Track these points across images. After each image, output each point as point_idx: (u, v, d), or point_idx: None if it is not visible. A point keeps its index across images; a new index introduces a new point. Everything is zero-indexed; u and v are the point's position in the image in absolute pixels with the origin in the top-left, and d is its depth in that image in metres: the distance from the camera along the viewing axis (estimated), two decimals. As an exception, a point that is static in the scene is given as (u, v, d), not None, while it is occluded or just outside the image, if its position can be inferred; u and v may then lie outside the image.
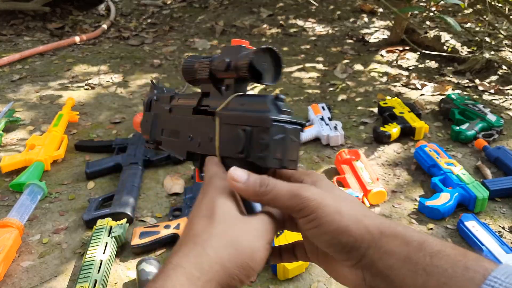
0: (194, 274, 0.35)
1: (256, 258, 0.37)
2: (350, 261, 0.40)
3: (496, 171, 1.41)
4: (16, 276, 1.07)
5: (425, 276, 0.35)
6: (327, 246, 0.40)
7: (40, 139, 1.52)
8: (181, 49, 2.62)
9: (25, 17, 3.08)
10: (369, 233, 0.38)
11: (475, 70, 2.11)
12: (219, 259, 0.36)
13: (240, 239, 0.38)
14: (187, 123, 0.54)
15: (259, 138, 0.41)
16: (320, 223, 0.38)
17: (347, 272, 0.41)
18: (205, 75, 0.51)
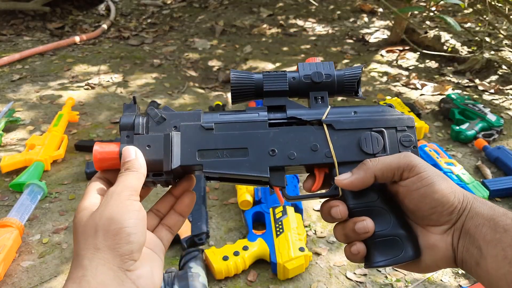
0: (78, 276, 0.38)
1: (121, 218, 0.40)
2: (447, 224, 0.44)
3: (496, 171, 1.41)
4: (16, 276, 1.07)
5: (503, 232, 0.40)
6: (434, 205, 0.44)
7: (40, 139, 1.52)
8: (181, 49, 2.62)
9: (25, 17, 3.08)
10: (467, 197, 0.44)
11: (475, 70, 2.11)
12: (91, 250, 0.39)
13: (96, 220, 0.41)
14: (261, 138, 0.50)
15: (403, 136, 0.50)
16: (432, 182, 0.43)
17: (438, 240, 0.45)
18: (282, 87, 0.53)
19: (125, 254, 0.39)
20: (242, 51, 2.54)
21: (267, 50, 2.56)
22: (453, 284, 1.02)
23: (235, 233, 1.19)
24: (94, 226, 0.40)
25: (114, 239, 0.39)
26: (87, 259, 0.38)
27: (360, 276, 1.04)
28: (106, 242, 0.39)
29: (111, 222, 0.39)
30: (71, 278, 0.38)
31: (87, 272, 0.37)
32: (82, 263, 0.38)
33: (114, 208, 0.40)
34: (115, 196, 0.41)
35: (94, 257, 0.38)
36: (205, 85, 2.17)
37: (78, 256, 0.39)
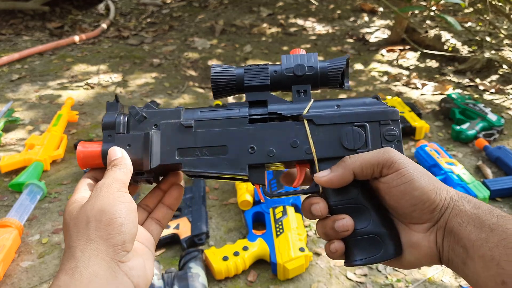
0: (70, 267, 0.38)
1: (112, 209, 0.40)
2: (430, 222, 0.43)
3: (497, 170, 1.41)
4: (15, 276, 1.07)
5: (489, 232, 0.39)
6: (414, 203, 0.42)
7: (39, 139, 1.52)
8: (181, 48, 2.61)
9: (25, 17, 3.07)
10: (449, 194, 0.43)
11: (475, 69, 2.11)
12: (83, 241, 0.39)
13: (87, 212, 0.41)
14: (241, 135, 0.49)
15: (387, 130, 0.50)
16: (412, 179, 0.42)
17: (420, 239, 0.44)
18: (264, 82, 0.52)
19: (117, 244, 0.39)
20: (242, 51, 2.54)
21: (267, 49, 2.55)
22: (453, 284, 1.02)
23: (235, 233, 1.19)
24: (86, 218, 0.40)
25: (106, 229, 0.39)
26: (79, 250, 0.38)
27: (360, 277, 1.04)
28: (98, 232, 0.39)
29: (103, 213, 0.39)
30: (63, 269, 0.38)
31: (79, 263, 0.37)
32: (74, 254, 0.38)
33: (105, 200, 0.40)
34: (105, 188, 0.42)
35: (87, 248, 0.38)
36: (205, 84, 2.17)
37: (70, 248, 0.39)
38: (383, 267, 1.06)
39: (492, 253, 0.38)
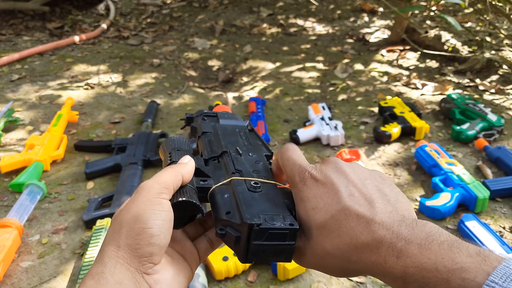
0: (97, 272, 0.37)
1: (145, 218, 0.38)
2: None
3: (497, 171, 1.41)
4: (15, 276, 1.07)
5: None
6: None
7: (39, 139, 1.52)
8: (181, 48, 2.61)
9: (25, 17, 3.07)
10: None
11: (475, 69, 2.11)
12: (113, 247, 0.38)
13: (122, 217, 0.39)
14: None
15: None
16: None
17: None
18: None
19: (144, 256, 0.37)
20: (242, 51, 2.54)
21: (267, 49, 2.55)
22: (454, 285, 1.01)
23: (235, 233, 1.19)
24: (120, 223, 0.39)
25: (136, 239, 0.37)
26: (107, 256, 0.37)
27: (360, 277, 1.04)
28: (127, 240, 0.37)
29: (136, 221, 0.38)
30: (91, 273, 0.37)
31: (106, 269, 0.36)
32: (103, 259, 0.37)
33: (141, 206, 0.38)
34: (144, 192, 0.39)
35: (114, 255, 0.37)
36: (205, 85, 2.17)
37: (102, 252, 0.38)
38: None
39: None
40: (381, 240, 0.34)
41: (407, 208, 0.38)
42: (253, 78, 2.19)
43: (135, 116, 1.83)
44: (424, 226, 0.34)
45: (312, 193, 0.39)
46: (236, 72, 2.28)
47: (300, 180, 0.40)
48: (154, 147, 1.54)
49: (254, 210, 0.38)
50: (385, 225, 0.34)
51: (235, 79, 2.20)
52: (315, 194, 0.38)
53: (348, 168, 0.40)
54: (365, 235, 0.35)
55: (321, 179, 0.39)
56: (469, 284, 0.30)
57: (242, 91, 2.06)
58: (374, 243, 0.34)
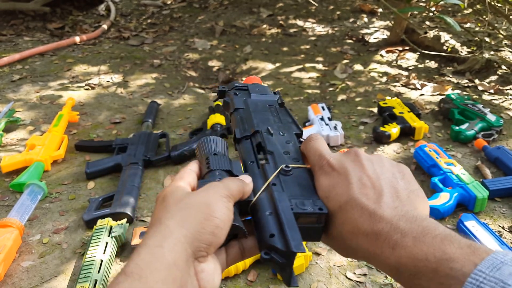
0: (155, 244, 0.35)
1: (214, 207, 0.38)
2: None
3: (496, 171, 1.41)
4: (16, 276, 1.07)
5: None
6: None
7: (40, 139, 1.52)
8: (181, 49, 2.62)
9: (25, 17, 3.08)
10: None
11: (474, 70, 2.11)
12: (177, 223, 0.37)
13: (192, 199, 0.39)
14: None
15: None
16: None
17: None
18: None
19: (203, 242, 0.37)
20: (242, 51, 2.55)
21: (267, 50, 2.56)
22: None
23: (235, 233, 1.19)
24: (187, 204, 0.38)
25: (202, 223, 0.37)
26: (170, 231, 0.36)
27: (360, 276, 1.05)
28: (193, 222, 0.37)
29: (206, 206, 0.38)
30: (147, 245, 0.35)
31: (165, 244, 0.35)
32: (164, 232, 0.36)
33: (212, 197, 0.39)
34: (214, 188, 0.40)
35: (178, 232, 0.36)
36: (205, 85, 2.17)
37: (162, 224, 0.37)
38: (383, 267, 1.07)
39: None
40: (379, 232, 0.36)
41: (416, 204, 0.39)
42: (253, 78, 2.20)
43: (135, 116, 1.84)
44: (422, 221, 0.36)
45: (327, 182, 0.41)
46: (236, 73, 2.29)
47: (319, 168, 0.43)
48: (155, 147, 1.55)
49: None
50: (385, 219, 0.36)
51: (235, 80, 2.21)
52: (329, 183, 0.41)
53: (367, 161, 0.41)
54: (366, 226, 0.37)
55: (338, 168, 0.41)
56: (456, 273, 0.31)
57: (242, 91, 2.06)
58: (372, 234, 0.36)
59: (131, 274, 0.33)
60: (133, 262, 0.35)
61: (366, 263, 1.08)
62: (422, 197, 0.41)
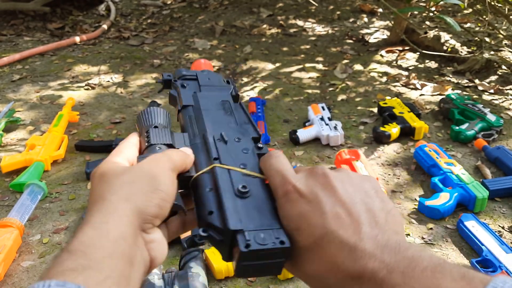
0: (100, 221, 0.34)
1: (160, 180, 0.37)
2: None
3: (496, 171, 1.41)
4: (16, 276, 1.07)
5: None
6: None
7: (40, 139, 1.52)
8: (181, 49, 2.62)
9: (25, 17, 3.08)
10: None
11: (474, 70, 2.11)
12: (121, 198, 0.36)
13: (136, 172, 0.38)
14: None
15: None
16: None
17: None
18: None
19: (149, 214, 0.36)
20: (242, 51, 2.55)
21: (267, 50, 2.56)
22: (452, 284, 1.02)
23: (235, 233, 1.19)
24: (131, 177, 0.37)
25: (148, 196, 0.36)
26: (114, 207, 0.35)
27: (360, 276, 1.04)
28: (138, 195, 0.36)
29: (152, 179, 0.37)
30: (91, 222, 0.34)
31: (110, 219, 0.34)
32: (108, 208, 0.35)
33: (157, 170, 0.38)
34: (157, 160, 0.39)
35: (122, 206, 0.35)
36: (205, 85, 2.17)
37: (104, 201, 0.36)
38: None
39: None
40: (363, 270, 0.32)
41: (395, 228, 0.35)
42: (253, 78, 2.20)
43: (135, 116, 1.83)
44: (407, 251, 0.32)
45: (295, 211, 0.35)
46: (236, 73, 2.29)
47: (283, 195, 0.37)
48: (155, 147, 1.54)
49: (237, 216, 0.35)
50: (368, 253, 0.32)
51: (235, 80, 2.21)
52: (299, 213, 0.35)
53: (338, 182, 0.36)
54: (347, 264, 0.33)
55: (307, 195, 0.36)
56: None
57: (242, 91, 2.06)
58: (355, 273, 0.32)
59: (75, 252, 0.32)
60: (76, 239, 0.33)
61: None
62: (398, 216, 0.37)
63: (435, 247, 1.12)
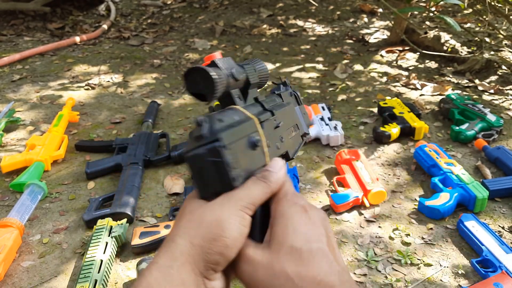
0: (166, 264, 0.36)
1: (225, 226, 0.38)
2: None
3: (496, 171, 1.41)
4: (16, 276, 1.07)
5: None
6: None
7: (40, 139, 1.52)
8: (181, 49, 2.62)
9: (26, 17, 3.08)
10: None
11: (474, 70, 2.11)
12: (188, 242, 0.37)
13: (204, 215, 0.38)
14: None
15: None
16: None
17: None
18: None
19: (211, 262, 0.37)
20: (242, 51, 2.55)
21: (267, 50, 2.56)
22: (453, 284, 1.02)
23: (235, 233, 1.19)
24: (200, 220, 0.38)
25: (211, 243, 0.37)
26: (180, 251, 0.37)
27: (360, 276, 1.05)
28: (202, 242, 0.37)
29: (216, 225, 0.37)
30: (158, 264, 0.37)
31: (175, 264, 0.36)
32: (174, 252, 0.37)
33: (225, 213, 0.38)
34: (233, 200, 0.39)
35: (187, 252, 0.37)
36: (205, 85, 2.17)
37: (173, 242, 0.38)
38: (383, 267, 1.07)
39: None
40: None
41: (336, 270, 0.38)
42: (253, 78, 2.20)
43: (135, 116, 1.84)
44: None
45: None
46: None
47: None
48: (155, 147, 1.55)
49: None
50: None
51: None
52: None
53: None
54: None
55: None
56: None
57: (242, 91, 2.06)
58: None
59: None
60: (145, 279, 0.36)
61: (366, 263, 1.08)
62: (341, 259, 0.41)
63: (435, 247, 1.12)
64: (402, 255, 1.10)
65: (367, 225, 1.20)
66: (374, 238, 1.16)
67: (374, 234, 1.17)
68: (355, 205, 1.27)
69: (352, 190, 1.28)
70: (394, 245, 1.14)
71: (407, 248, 1.12)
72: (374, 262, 1.08)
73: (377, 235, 1.17)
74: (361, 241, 1.15)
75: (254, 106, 0.49)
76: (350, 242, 1.15)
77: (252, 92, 0.50)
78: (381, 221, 1.22)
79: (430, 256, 1.10)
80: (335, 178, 1.36)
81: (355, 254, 1.11)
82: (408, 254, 1.10)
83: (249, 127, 0.43)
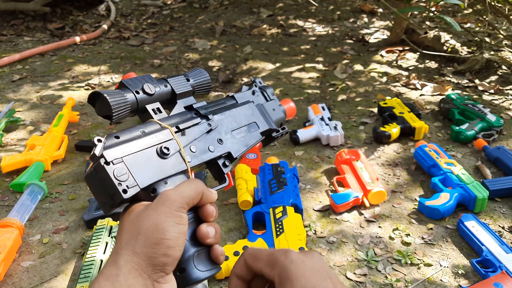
0: (112, 273, 0.38)
1: (164, 228, 0.39)
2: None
3: (496, 171, 1.41)
4: (16, 276, 1.07)
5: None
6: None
7: (40, 139, 1.52)
8: (181, 49, 2.62)
9: (26, 17, 3.08)
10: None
11: (475, 70, 2.11)
12: (130, 252, 0.39)
13: (141, 223, 0.40)
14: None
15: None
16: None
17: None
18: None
19: (158, 265, 0.39)
20: (242, 51, 2.55)
21: (267, 50, 2.56)
22: (453, 284, 1.02)
23: (235, 233, 1.19)
24: (138, 228, 0.40)
25: (153, 248, 0.39)
26: (124, 260, 0.39)
27: (360, 276, 1.05)
28: (144, 248, 0.39)
29: (155, 230, 0.39)
30: (105, 274, 0.38)
31: (121, 272, 0.38)
32: (118, 262, 0.39)
33: (162, 216, 0.40)
34: (167, 203, 0.41)
35: (130, 260, 0.39)
36: (205, 85, 2.17)
37: (117, 254, 0.40)
38: (383, 267, 1.07)
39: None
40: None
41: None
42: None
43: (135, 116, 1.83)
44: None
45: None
46: (236, 73, 2.29)
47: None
48: (155, 147, 1.54)
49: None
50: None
51: (235, 80, 2.21)
52: None
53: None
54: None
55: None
56: None
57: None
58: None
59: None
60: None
61: (366, 263, 1.08)
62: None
63: (435, 247, 1.12)
64: (402, 255, 1.10)
65: (367, 225, 1.20)
66: (374, 238, 1.16)
67: (374, 234, 1.17)
68: (355, 205, 1.27)
69: (352, 190, 1.28)
70: (394, 245, 1.14)
71: (407, 248, 1.12)
72: (374, 262, 1.08)
73: (377, 235, 1.17)
74: (361, 241, 1.15)
75: (182, 114, 0.52)
76: (350, 242, 1.15)
77: (187, 100, 0.54)
78: (381, 221, 1.22)
79: (430, 256, 1.10)
80: (335, 178, 1.36)
81: (355, 254, 1.11)
82: (408, 254, 1.10)
83: (162, 137, 0.46)
